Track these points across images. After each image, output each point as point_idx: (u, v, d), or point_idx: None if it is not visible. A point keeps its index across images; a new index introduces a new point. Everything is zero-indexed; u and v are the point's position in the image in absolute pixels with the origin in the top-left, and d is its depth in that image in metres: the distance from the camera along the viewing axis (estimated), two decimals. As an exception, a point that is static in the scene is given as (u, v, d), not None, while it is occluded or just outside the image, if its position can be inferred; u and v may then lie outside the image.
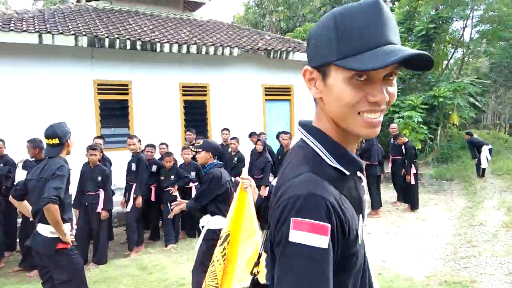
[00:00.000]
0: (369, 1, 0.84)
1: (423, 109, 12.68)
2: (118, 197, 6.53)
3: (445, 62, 18.36)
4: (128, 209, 5.85)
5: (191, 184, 6.46)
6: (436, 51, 15.64)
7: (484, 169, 11.58)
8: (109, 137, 7.67)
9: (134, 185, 5.90)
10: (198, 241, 3.57)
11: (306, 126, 0.99)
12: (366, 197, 1.02)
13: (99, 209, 5.38)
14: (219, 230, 3.30)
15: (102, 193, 5.43)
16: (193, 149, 6.48)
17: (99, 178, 5.44)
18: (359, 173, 0.97)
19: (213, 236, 3.39)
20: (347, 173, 0.91)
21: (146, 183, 6.13)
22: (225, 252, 2.56)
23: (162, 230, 6.39)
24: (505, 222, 6.69)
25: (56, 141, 3.11)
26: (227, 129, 7.85)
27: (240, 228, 2.58)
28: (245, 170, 7.48)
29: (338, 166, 0.90)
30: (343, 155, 0.92)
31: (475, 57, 23.79)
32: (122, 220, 6.92)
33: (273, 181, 2.40)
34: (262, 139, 7.31)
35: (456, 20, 16.54)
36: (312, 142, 0.94)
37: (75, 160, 6.12)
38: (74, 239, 3.09)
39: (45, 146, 3.27)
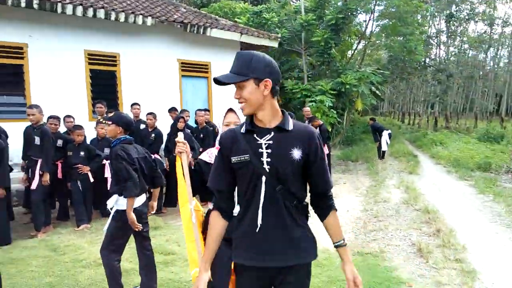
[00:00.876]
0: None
1: (332, 95, 13.65)
2: (16, 174, 5.89)
3: (350, 52, 19.95)
4: (34, 186, 5.34)
5: (104, 161, 6.11)
6: (343, 41, 16.87)
7: (384, 152, 13.03)
8: (2, 106, 6.82)
9: (39, 160, 5.38)
10: (107, 222, 3.44)
11: None
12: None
13: None
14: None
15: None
16: (102, 121, 6.12)
17: None
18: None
19: (121, 217, 3.32)
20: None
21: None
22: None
23: (71, 209, 5.96)
24: (405, 199, 7.66)
25: None
26: (138, 104, 7.53)
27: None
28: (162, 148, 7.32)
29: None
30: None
31: (376, 49, 26.26)
32: (21, 198, 6.31)
33: (202, 155, 2.53)
34: (185, 115, 7.24)
35: (361, 13, 18.01)
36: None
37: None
38: None
39: None
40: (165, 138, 7.24)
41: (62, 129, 6.44)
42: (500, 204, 7.40)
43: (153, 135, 7.01)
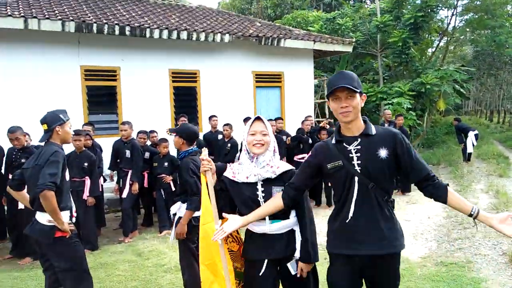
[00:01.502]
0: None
1: (410, 96, 12.75)
2: (109, 184, 6.40)
3: (430, 50, 18.50)
4: (125, 195, 5.75)
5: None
6: (423, 39, 15.71)
7: (470, 154, 11.77)
8: (98, 124, 7.47)
9: (130, 171, 5.79)
10: (172, 231, 3.43)
11: None
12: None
13: (85, 196, 5.25)
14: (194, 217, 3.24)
15: (88, 180, 5.30)
16: (168, 132, 6.38)
17: (86, 164, 5.29)
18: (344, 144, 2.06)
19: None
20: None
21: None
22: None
23: (155, 216, 6.29)
24: (495, 204, 6.80)
25: (45, 127, 2.98)
26: (215, 116, 7.74)
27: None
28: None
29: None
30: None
31: (459, 45, 24.03)
32: (113, 206, 6.80)
33: (226, 172, 2.37)
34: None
35: (442, 8, 16.62)
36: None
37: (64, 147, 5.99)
38: (73, 227, 2.97)
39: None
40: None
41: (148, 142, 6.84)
42: None
43: (229, 145, 7.14)
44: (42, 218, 2.85)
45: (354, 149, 2.01)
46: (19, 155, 5.14)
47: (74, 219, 3.05)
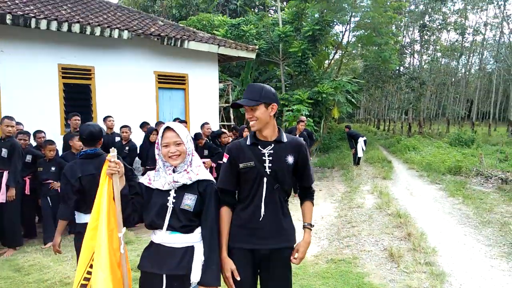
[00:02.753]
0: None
1: (309, 103, 13.65)
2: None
3: (327, 62, 20.07)
4: (3, 200, 5.09)
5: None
6: (320, 51, 16.97)
7: (359, 158, 13.04)
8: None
9: (5, 173, 5.15)
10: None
11: None
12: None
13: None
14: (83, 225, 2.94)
15: None
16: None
17: None
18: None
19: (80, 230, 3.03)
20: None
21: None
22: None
23: (39, 226, 5.69)
24: (378, 204, 7.61)
25: None
26: (111, 116, 7.32)
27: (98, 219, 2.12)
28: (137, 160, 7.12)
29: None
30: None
31: (352, 58, 26.54)
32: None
33: (142, 178, 2.31)
34: (159, 128, 7.00)
35: (337, 24, 18.18)
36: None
37: None
38: None
39: None
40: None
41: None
42: (469, 206, 7.42)
43: (127, 148, 6.81)
44: None
45: (267, 153, 2.26)
46: None
47: None
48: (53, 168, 5.66)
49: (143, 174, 6.72)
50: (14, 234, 5.31)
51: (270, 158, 2.24)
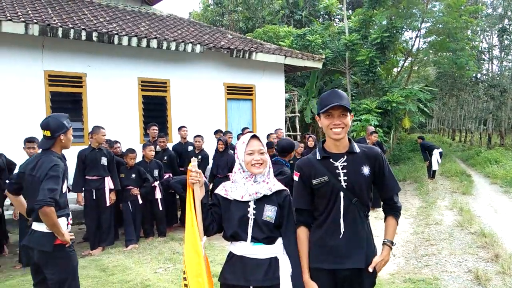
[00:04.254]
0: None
1: (378, 113, 13.22)
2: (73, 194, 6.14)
3: (395, 70, 19.34)
4: (108, 203, 5.73)
5: (155, 183, 6.22)
6: (388, 59, 16.43)
7: (434, 171, 12.30)
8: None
9: (107, 179, 5.74)
10: None
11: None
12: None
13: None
14: None
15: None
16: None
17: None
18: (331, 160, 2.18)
19: None
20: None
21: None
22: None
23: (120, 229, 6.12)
24: (459, 221, 7.09)
25: (47, 133, 2.86)
26: (185, 126, 7.68)
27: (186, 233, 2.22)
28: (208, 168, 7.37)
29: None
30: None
31: (423, 65, 25.29)
32: (77, 218, 6.58)
33: (218, 189, 2.34)
34: (223, 138, 7.21)
35: (407, 30, 17.49)
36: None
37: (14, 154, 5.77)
38: (73, 236, 2.90)
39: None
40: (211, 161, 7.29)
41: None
42: None
43: (199, 157, 7.08)
44: (40, 226, 2.77)
45: (341, 166, 2.14)
46: None
47: (70, 227, 2.96)
48: (133, 175, 6.05)
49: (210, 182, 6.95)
50: (109, 234, 5.88)
51: (345, 171, 2.12)
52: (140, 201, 6.05)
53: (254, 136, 2.21)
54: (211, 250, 5.62)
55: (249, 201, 2.15)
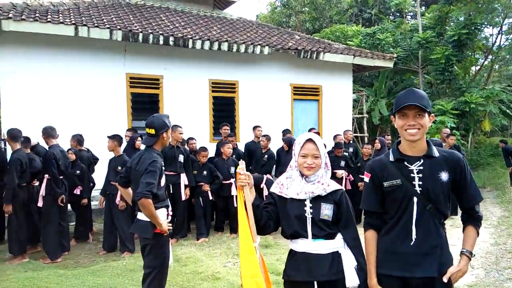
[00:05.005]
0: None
1: (454, 114, 12.40)
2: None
3: (474, 68, 17.98)
4: (183, 198, 6.04)
5: (231, 180, 6.42)
6: (466, 57, 15.33)
7: (518, 178, 11.22)
8: (140, 130, 7.70)
9: (182, 175, 6.03)
10: None
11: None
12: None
13: (117, 200, 5.41)
14: None
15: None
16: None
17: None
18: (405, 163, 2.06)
19: None
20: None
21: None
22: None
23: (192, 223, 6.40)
24: (548, 233, 6.43)
25: (152, 131, 3.13)
26: (260, 126, 7.83)
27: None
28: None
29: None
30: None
31: (505, 64, 23.20)
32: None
33: (273, 187, 2.35)
34: (286, 138, 7.26)
35: (487, 27, 16.19)
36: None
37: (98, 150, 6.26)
38: (170, 226, 3.18)
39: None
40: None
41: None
42: None
43: (266, 156, 7.17)
44: (143, 216, 3.05)
45: (416, 169, 2.02)
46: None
47: (170, 218, 3.26)
48: (205, 172, 6.30)
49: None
50: (182, 227, 6.21)
51: (420, 175, 2.00)
52: (211, 197, 6.28)
53: (310, 140, 2.19)
54: (277, 248, 5.67)
55: (305, 200, 2.16)
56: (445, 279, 1.96)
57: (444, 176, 2.00)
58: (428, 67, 14.83)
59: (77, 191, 5.89)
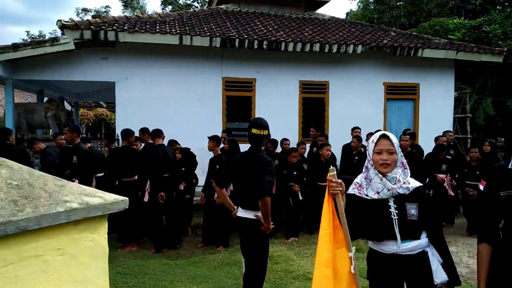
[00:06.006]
0: None
1: None
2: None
3: None
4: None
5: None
6: None
7: None
8: (234, 131, 8.01)
9: None
10: None
11: None
12: None
13: (215, 197, 5.59)
14: None
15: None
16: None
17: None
18: None
19: None
20: None
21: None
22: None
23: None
24: None
25: (265, 132, 3.28)
26: (359, 128, 7.72)
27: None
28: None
29: None
30: None
31: None
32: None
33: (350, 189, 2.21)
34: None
35: None
36: None
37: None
38: (273, 225, 3.27)
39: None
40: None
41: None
42: None
43: (356, 157, 6.93)
44: (249, 214, 3.19)
45: None
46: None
47: None
48: (295, 173, 6.31)
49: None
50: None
51: None
52: (301, 197, 6.26)
53: (384, 136, 2.12)
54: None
55: (388, 200, 2.08)
56: None
57: None
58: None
59: (181, 187, 6.33)
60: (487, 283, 1.89)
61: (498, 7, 18.93)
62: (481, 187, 2.04)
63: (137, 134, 6.20)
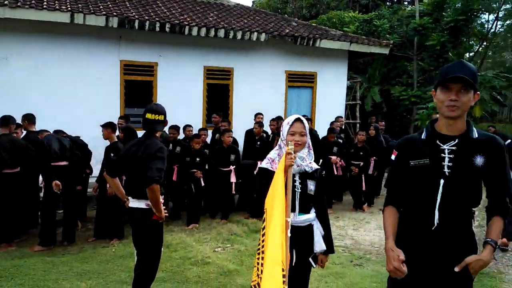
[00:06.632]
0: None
1: (446, 101, 12.21)
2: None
3: (467, 55, 17.65)
4: None
5: (231, 167, 6.36)
6: (462, 44, 15.04)
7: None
8: (133, 117, 7.57)
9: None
10: None
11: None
12: None
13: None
14: None
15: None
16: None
17: None
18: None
19: None
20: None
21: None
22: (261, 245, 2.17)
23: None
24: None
25: (161, 117, 3.14)
26: (261, 114, 7.84)
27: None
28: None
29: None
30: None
31: (499, 50, 22.81)
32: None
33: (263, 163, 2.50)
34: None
35: (484, 13, 15.79)
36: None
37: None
38: (166, 214, 3.15)
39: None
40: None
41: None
42: None
43: (258, 142, 7.07)
44: (139, 203, 3.04)
45: (448, 149, 1.83)
46: None
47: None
48: (197, 159, 6.22)
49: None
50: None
51: (452, 156, 1.80)
52: (203, 184, 6.20)
53: (298, 119, 2.37)
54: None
55: (294, 176, 2.33)
56: (456, 269, 1.80)
57: (479, 160, 1.79)
58: (422, 54, 14.55)
59: None
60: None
61: (388, 3, 20.79)
62: (393, 157, 2.08)
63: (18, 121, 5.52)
